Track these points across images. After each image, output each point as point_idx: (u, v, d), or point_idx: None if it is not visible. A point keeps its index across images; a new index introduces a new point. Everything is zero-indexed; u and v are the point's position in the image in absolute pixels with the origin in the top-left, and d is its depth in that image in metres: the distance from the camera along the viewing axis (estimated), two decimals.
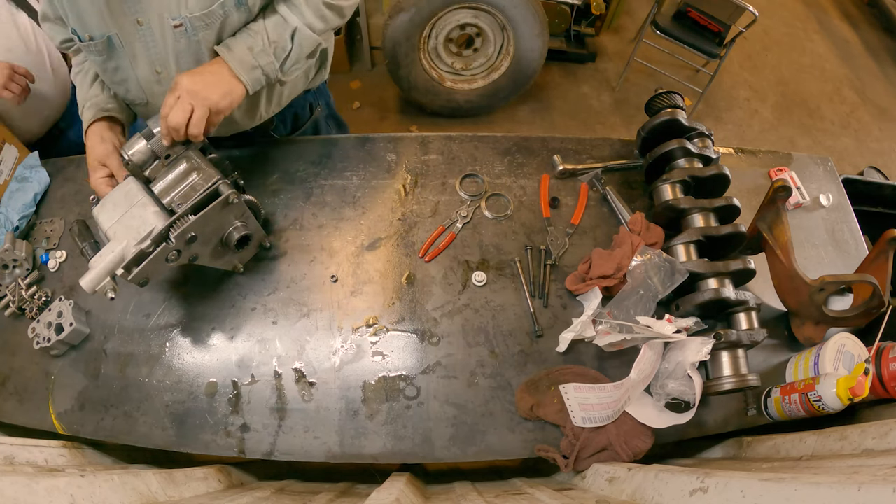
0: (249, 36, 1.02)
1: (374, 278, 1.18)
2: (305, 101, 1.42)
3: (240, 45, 1.01)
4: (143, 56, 1.04)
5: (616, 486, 0.87)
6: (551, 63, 3.23)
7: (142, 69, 1.07)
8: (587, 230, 1.25)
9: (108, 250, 0.96)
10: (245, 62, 1.00)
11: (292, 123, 1.43)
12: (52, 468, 0.93)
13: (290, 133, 1.45)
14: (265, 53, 1.02)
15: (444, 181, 1.30)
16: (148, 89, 1.11)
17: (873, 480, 0.49)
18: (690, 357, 0.97)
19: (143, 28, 0.99)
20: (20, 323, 1.14)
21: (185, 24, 0.97)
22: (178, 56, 1.03)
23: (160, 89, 1.09)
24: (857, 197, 1.42)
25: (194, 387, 1.07)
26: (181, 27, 0.98)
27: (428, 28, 2.59)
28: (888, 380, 0.95)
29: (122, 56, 1.04)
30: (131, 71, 1.07)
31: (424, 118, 3.00)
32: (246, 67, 1.01)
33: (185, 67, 1.04)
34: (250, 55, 1.01)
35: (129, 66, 1.06)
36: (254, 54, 1.01)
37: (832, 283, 1.03)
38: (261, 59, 1.02)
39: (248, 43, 1.01)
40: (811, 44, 3.83)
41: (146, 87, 1.10)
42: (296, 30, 1.05)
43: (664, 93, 1.26)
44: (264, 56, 1.02)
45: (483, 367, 1.09)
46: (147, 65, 1.06)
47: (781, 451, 0.94)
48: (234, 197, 0.98)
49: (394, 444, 1.02)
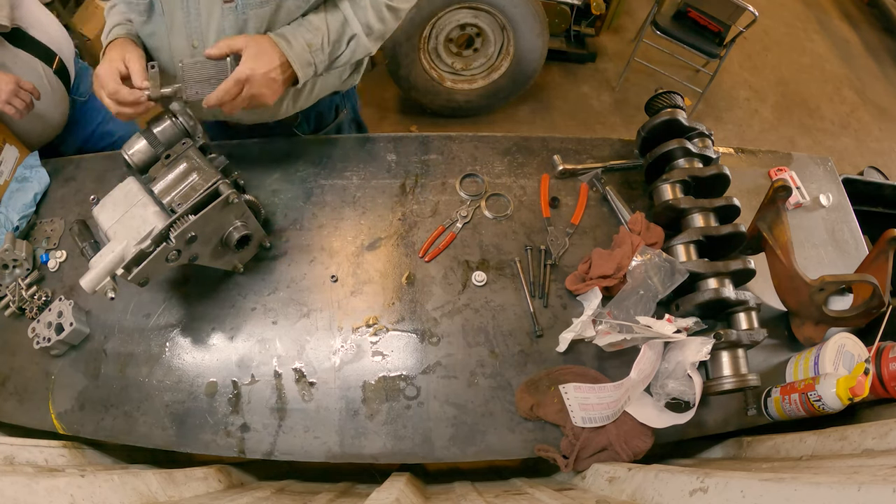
0: (309, 31, 1.02)
1: (374, 278, 1.18)
2: (332, 103, 1.40)
3: (299, 40, 1.01)
4: (182, 26, 1.03)
5: (616, 486, 0.87)
6: (551, 63, 3.23)
7: (177, 39, 1.05)
8: (587, 230, 1.25)
9: (108, 250, 0.96)
10: (302, 58, 1.01)
11: (316, 123, 1.42)
12: (52, 468, 0.93)
13: (312, 132, 1.43)
14: (322, 52, 1.03)
15: (444, 181, 1.30)
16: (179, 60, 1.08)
17: (873, 480, 0.49)
18: (690, 357, 0.97)
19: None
20: (20, 323, 1.14)
21: (237, 2, 0.97)
22: (219, 32, 1.02)
23: None
24: (857, 197, 1.42)
25: (194, 387, 1.07)
26: (232, 3, 0.97)
27: (428, 28, 2.59)
28: (888, 380, 0.95)
29: (161, 23, 1.03)
30: (166, 39, 1.06)
31: (424, 118, 3.00)
32: (302, 63, 1.02)
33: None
34: (308, 52, 1.02)
35: (164, 34, 1.05)
36: (311, 51, 1.02)
37: (832, 283, 1.03)
38: (317, 56, 1.03)
39: (308, 38, 1.01)
40: (811, 44, 3.83)
41: (178, 58, 1.06)
42: (355, 36, 1.06)
43: (664, 93, 1.26)
44: (320, 55, 1.03)
45: (483, 367, 1.09)
46: (184, 36, 1.04)
47: (781, 451, 0.94)
48: (234, 197, 0.98)
49: (394, 444, 1.02)
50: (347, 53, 1.09)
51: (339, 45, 1.06)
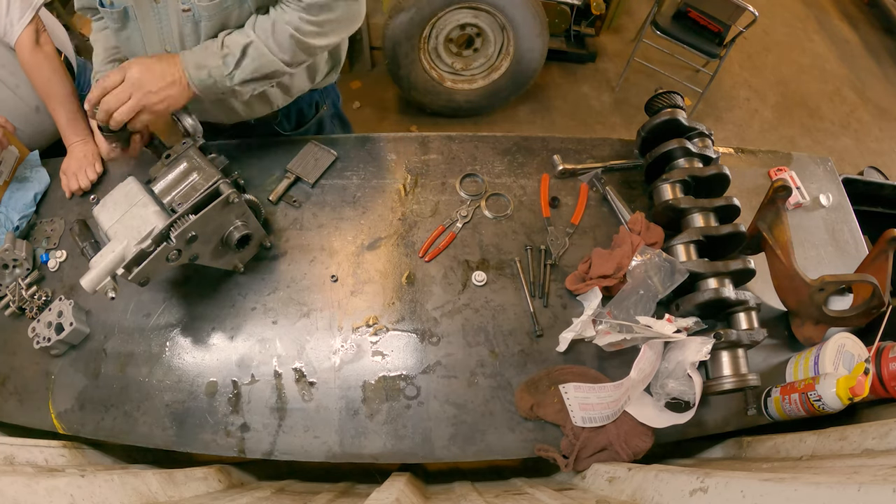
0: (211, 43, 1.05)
1: (374, 278, 1.18)
2: (312, 99, 1.43)
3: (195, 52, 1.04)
4: (155, 32, 1.07)
5: (616, 485, 0.87)
6: (551, 63, 3.23)
7: (151, 44, 1.10)
8: (587, 230, 1.25)
9: (109, 250, 0.96)
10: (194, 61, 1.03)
11: (297, 119, 1.44)
12: (52, 468, 0.93)
13: (294, 129, 1.45)
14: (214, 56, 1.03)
15: (444, 181, 1.30)
16: None
17: (873, 480, 0.49)
18: (690, 357, 0.97)
19: (158, 6, 1.03)
20: (20, 323, 1.14)
21: (193, 10, 1.02)
22: (183, 38, 1.07)
23: None
24: (857, 197, 1.41)
25: (194, 386, 1.07)
26: (189, 12, 1.02)
27: (428, 28, 2.58)
28: (888, 379, 0.95)
29: (135, 28, 1.08)
30: (141, 44, 1.11)
31: (424, 118, 3.00)
32: (192, 65, 1.02)
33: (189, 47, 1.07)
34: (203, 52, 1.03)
35: (139, 39, 1.10)
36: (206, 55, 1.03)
37: (832, 283, 1.03)
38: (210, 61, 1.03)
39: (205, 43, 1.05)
40: (811, 44, 3.82)
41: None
42: (250, 43, 1.04)
43: (664, 93, 1.26)
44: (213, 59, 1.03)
45: (483, 366, 1.09)
46: (157, 41, 1.09)
47: (781, 451, 0.94)
48: (234, 196, 0.98)
49: (394, 444, 1.02)
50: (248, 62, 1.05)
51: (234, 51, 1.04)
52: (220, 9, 1.02)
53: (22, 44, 1.28)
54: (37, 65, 1.29)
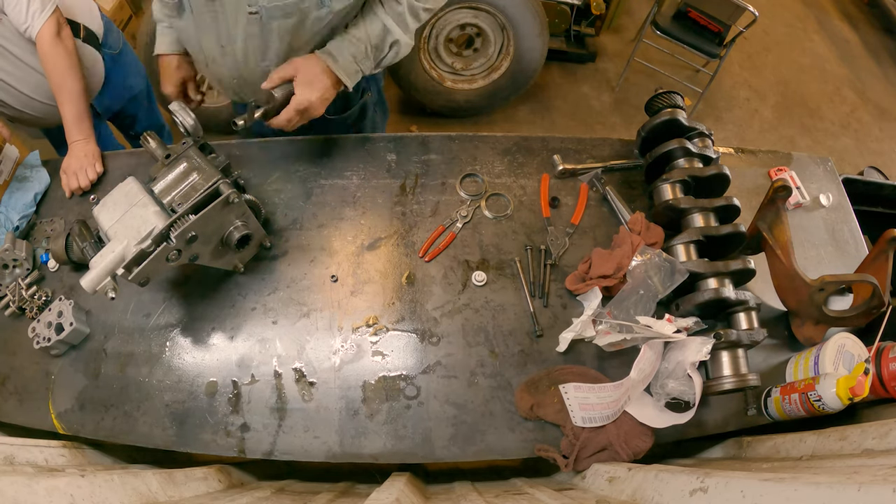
0: (352, 44, 1.09)
1: (374, 278, 1.18)
2: (358, 86, 1.39)
3: (344, 55, 1.09)
4: (212, 28, 1.09)
5: (616, 485, 0.87)
6: (551, 63, 3.23)
7: (207, 39, 1.12)
8: (587, 230, 1.25)
9: (109, 250, 0.96)
10: (349, 70, 1.10)
11: (342, 104, 1.40)
12: (52, 468, 0.93)
13: (338, 113, 1.42)
14: (367, 59, 1.11)
15: (444, 181, 1.30)
16: (209, 56, 1.16)
17: (873, 480, 0.49)
18: (690, 357, 0.97)
19: (214, 4, 1.04)
20: (20, 323, 1.14)
21: (262, 12, 1.02)
22: (246, 38, 1.08)
23: (222, 61, 1.16)
24: (857, 197, 1.41)
25: (194, 386, 1.07)
26: (256, 14, 1.03)
27: (428, 28, 2.58)
28: (888, 380, 0.95)
29: (190, 20, 1.10)
30: (195, 37, 1.13)
31: (424, 118, 3.00)
32: (350, 73, 1.11)
33: (251, 48, 1.10)
34: (354, 63, 1.10)
35: (193, 32, 1.12)
36: (357, 61, 1.11)
37: (832, 283, 1.03)
38: (363, 65, 1.11)
39: (352, 51, 1.09)
40: (811, 44, 3.82)
41: (208, 54, 1.16)
42: (396, 42, 1.13)
43: (664, 93, 1.26)
44: (367, 62, 1.12)
45: (483, 366, 1.09)
46: (214, 36, 1.10)
47: (781, 451, 0.94)
48: (234, 196, 0.98)
49: (394, 444, 1.02)
50: (391, 55, 1.17)
51: (381, 50, 1.14)
52: (293, 9, 1.02)
53: (42, 36, 1.30)
54: (54, 57, 1.31)
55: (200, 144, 1.07)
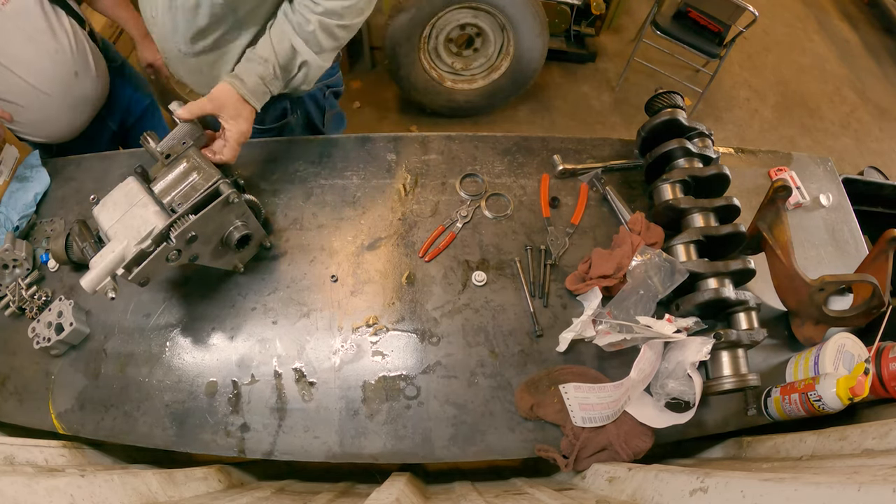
0: (259, 65, 1.09)
1: (374, 278, 1.18)
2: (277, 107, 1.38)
3: (252, 77, 1.08)
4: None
5: (616, 485, 0.87)
6: (551, 63, 3.23)
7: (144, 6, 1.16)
8: (587, 230, 1.25)
9: (109, 250, 0.96)
10: (257, 92, 1.09)
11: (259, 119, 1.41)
12: (52, 468, 0.92)
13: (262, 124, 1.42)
14: (276, 80, 1.12)
15: (444, 181, 1.30)
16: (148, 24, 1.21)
17: (873, 480, 0.49)
18: (690, 357, 0.97)
19: None
20: (20, 323, 1.14)
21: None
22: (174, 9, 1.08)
23: (154, 30, 1.19)
24: (857, 197, 1.41)
25: (194, 386, 1.07)
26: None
27: (428, 28, 2.58)
28: (888, 380, 0.95)
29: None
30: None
31: (424, 118, 3.00)
32: (258, 95, 1.09)
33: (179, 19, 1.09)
34: (262, 85, 1.09)
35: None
36: (266, 83, 1.10)
37: (832, 283, 1.03)
38: (272, 85, 1.11)
39: (259, 72, 1.09)
40: (811, 44, 3.83)
41: (147, 22, 1.20)
42: (305, 62, 1.13)
43: (664, 93, 1.26)
44: (275, 83, 1.12)
45: (483, 366, 1.09)
46: (148, 4, 1.13)
47: (781, 451, 0.94)
48: (234, 196, 0.98)
49: (394, 444, 1.02)
50: (300, 76, 1.16)
51: (289, 71, 1.15)
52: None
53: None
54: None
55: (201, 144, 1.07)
